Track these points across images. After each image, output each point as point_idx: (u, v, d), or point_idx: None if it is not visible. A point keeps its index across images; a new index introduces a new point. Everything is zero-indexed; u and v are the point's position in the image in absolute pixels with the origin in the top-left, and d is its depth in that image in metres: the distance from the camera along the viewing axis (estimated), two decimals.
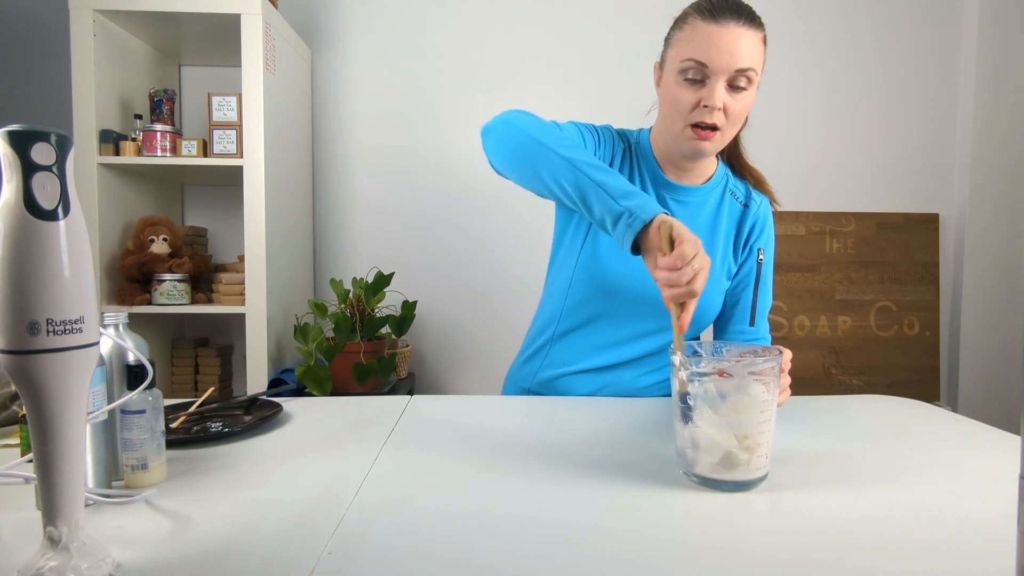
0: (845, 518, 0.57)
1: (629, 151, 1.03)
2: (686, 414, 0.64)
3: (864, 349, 2.25)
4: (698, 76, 0.88)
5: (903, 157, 2.33)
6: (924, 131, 2.33)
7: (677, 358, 0.66)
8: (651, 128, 1.05)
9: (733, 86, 0.88)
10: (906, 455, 0.75)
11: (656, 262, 0.73)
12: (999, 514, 0.58)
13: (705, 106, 0.88)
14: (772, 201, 1.09)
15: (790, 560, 0.49)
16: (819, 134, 2.31)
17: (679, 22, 0.92)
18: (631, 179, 1.01)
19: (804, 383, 2.22)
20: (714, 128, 0.89)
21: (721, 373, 0.64)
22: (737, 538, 0.53)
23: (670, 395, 0.97)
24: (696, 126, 0.90)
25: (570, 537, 0.53)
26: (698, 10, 0.89)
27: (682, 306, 0.73)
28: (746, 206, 1.05)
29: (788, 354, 0.84)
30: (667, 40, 0.95)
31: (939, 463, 0.72)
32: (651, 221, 0.74)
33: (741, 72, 0.86)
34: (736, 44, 0.85)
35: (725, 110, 0.88)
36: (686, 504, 0.60)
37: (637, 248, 0.77)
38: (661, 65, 0.96)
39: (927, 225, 2.30)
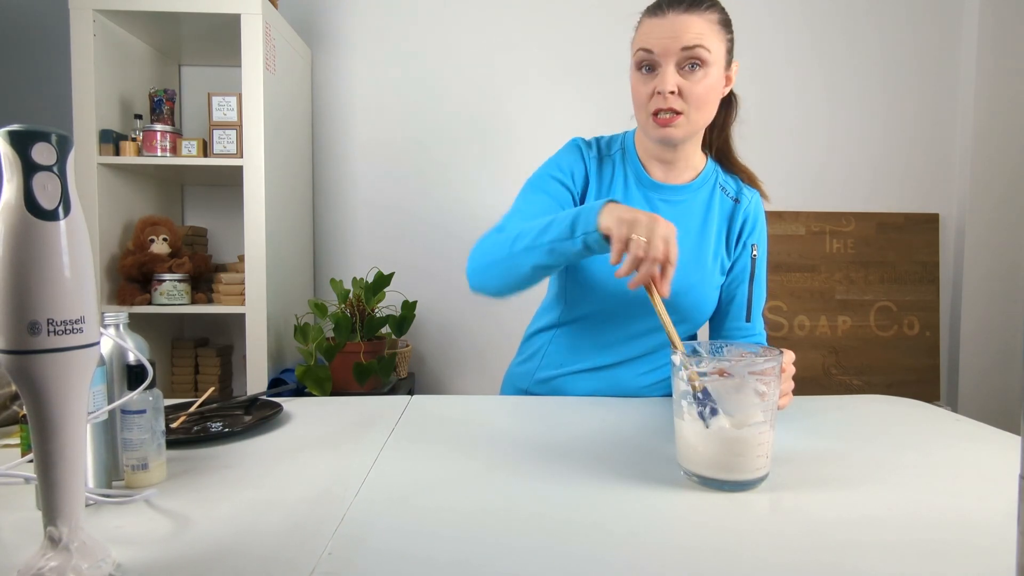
0: (845, 518, 0.57)
1: (608, 159, 1.03)
2: (699, 412, 0.64)
3: (864, 349, 2.25)
4: (649, 65, 0.91)
5: (903, 157, 2.33)
6: (924, 131, 2.33)
7: (678, 358, 0.66)
8: (635, 129, 1.05)
9: (687, 68, 0.90)
10: (906, 455, 0.75)
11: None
12: (999, 514, 0.58)
13: (659, 92, 0.90)
14: (763, 196, 1.08)
15: (790, 560, 0.49)
16: (819, 134, 2.31)
17: (636, 27, 0.96)
18: (614, 183, 1.02)
19: (804, 383, 2.22)
20: (675, 112, 0.91)
21: (721, 373, 0.64)
22: (737, 538, 0.53)
23: (670, 395, 0.97)
24: (656, 114, 0.92)
25: (570, 537, 0.53)
26: (646, 10, 0.94)
27: (658, 284, 0.74)
28: (737, 201, 1.04)
29: (790, 355, 0.83)
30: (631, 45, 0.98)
31: (939, 463, 0.72)
32: (600, 219, 0.77)
33: (688, 50, 0.88)
34: (676, 29, 0.88)
35: (682, 93, 0.90)
36: (686, 504, 0.60)
37: None
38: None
39: (927, 225, 2.30)
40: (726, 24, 0.93)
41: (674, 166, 1.02)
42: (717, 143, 1.08)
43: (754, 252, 1.04)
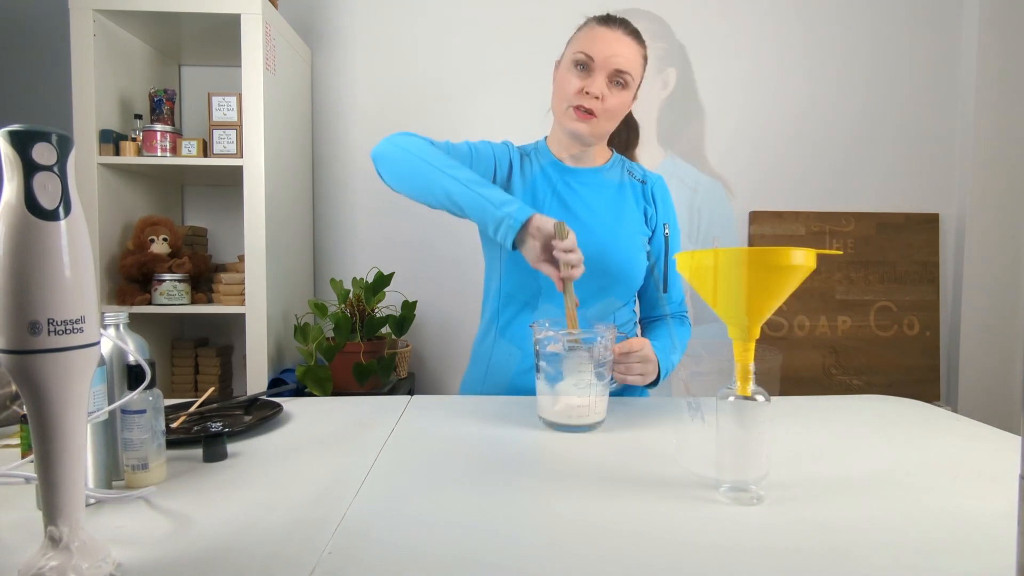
0: (845, 518, 0.57)
1: (527, 157, 1.17)
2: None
3: (864, 349, 2.25)
4: (585, 66, 1.05)
5: (903, 157, 2.33)
6: (924, 131, 2.33)
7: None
8: (546, 137, 1.19)
9: (612, 83, 1.05)
10: (906, 455, 0.75)
11: (536, 253, 0.91)
12: (999, 514, 0.58)
13: (587, 93, 1.04)
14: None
15: (790, 561, 0.49)
16: (819, 134, 2.31)
17: (581, 26, 1.10)
18: (533, 176, 1.15)
19: (804, 383, 2.22)
20: (592, 113, 1.04)
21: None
22: (737, 538, 0.53)
23: None
24: (577, 108, 1.05)
25: (569, 536, 0.53)
26: (597, 19, 1.09)
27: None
28: (644, 182, 1.19)
29: (642, 342, 0.98)
30: (568, 41, 1.11)
31: (939, 463, 0.72)
32: (527, 221, 0.91)
33: (619, 72, 1.04)
34: (618, 47, 1.04)
35: (603, 101, 1.05)
36: (685, 504, 0.60)
37: (514, 245, 0.93)
38: (559, 62, 1.11)
39: (927, 225, 2.30)
40: (646, 61, 1.11)
41: (581, 161, 1.15)
42: (621, 149, 1.24)
43: (666, 231, 1.17)
